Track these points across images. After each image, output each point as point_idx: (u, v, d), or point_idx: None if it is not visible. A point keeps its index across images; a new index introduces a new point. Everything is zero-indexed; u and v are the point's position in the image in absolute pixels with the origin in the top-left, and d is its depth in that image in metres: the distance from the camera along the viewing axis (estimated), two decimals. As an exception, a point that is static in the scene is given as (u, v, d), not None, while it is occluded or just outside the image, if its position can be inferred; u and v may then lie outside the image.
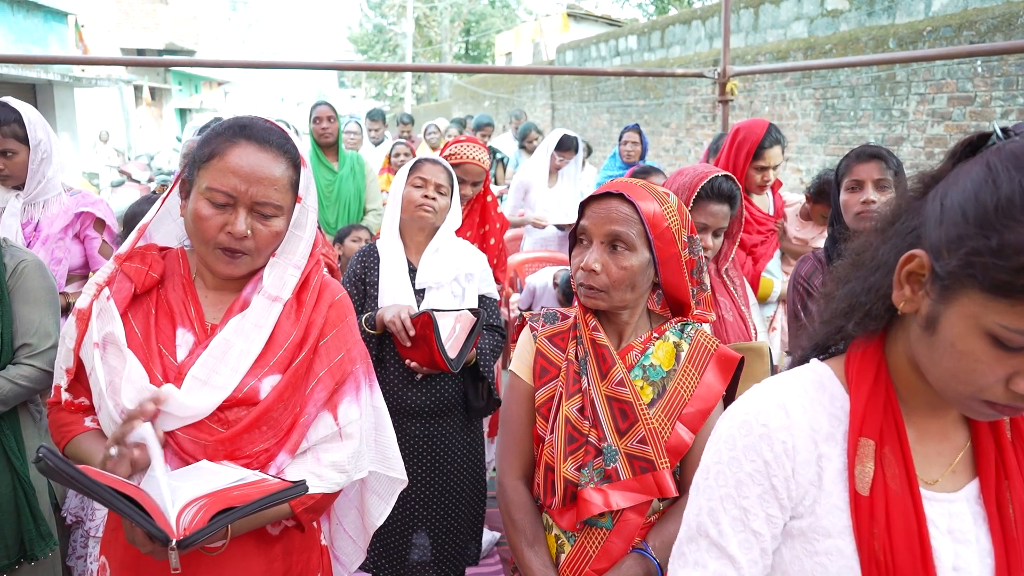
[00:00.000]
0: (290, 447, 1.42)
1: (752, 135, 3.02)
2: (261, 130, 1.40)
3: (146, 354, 1.38)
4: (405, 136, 8.04)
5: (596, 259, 1.53)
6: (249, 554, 1.41)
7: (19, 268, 2.04)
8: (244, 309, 1.42)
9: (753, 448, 0.98)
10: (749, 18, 9.54)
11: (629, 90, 12.00)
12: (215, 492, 1.22)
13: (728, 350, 1.62)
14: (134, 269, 1.43)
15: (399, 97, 38.06)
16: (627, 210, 1.53)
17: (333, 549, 1.76)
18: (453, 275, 2.50)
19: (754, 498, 0.98)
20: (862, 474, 0.94)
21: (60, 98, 15.63)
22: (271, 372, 1.40)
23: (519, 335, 1.71)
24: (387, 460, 1.67)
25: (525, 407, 1.64)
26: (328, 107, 4.84)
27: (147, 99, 23.12)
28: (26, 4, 14.18)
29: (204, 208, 1.36)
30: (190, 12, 26.24)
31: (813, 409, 0.99)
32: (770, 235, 3.19)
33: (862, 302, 0.97)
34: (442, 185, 2.51)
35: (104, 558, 1.46)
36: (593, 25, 20.49)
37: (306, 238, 1.48)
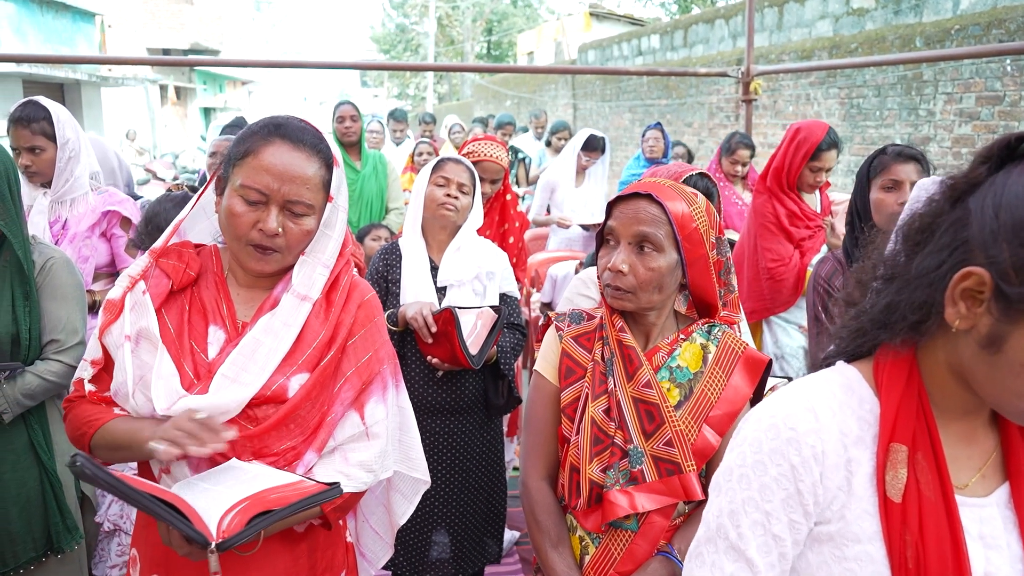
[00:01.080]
0: (317, 445, 1.43)
1: (812, 136, 3.09)
2: (295, 129, 1.42)
3: (178, 350, 1.39)
4: (427, 135, 8.05)
5: (623, 260, 1.52)
6: (275, 551, 1.42)
7: (48, 265, 2.07)
8: (274, 308, 1.44)
9: (780, 452, 0.96)
10: (773, 17, 9.46)
11: (651, 89, 11.94)
12: (252, 496, 1.24)
13: (756, 352, 1.60)
14: (172, 266, 1.45)
15: (421, 96, 38.14)
16: (655, 211, 1.52)
17: (359, 546, 1.77)
18: (474, 273, 2.51)
19: (777, 502, 0.96)
20: (894, 480, 0.93)
21: (87, 97, 15.85)
22: (299, 370, 1.41)
23: (544, 335, 1.70)
24: (411, 460, 1.68)
25: (550, 407, 1.63)
26: (351, 106, 4.86)
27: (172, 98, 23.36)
28: (55, 5, 14.39)
29: (237, 205, 1.38)
30: (215, 12, 26.48)
31: (842, 413, 0.97)
32: (817, 231, 3.24)
33: (903, 316, 0.95)
34: (464, 184, 2.52)
35: (135, 550, 1.48)
36: (615, 24, 20.42)
37: (336, 237, 1.49)
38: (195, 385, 1.37)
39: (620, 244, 1.54)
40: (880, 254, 1.02)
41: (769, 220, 3.19)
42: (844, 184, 7.44)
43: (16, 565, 2.01)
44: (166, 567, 1.41)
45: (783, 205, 3.17)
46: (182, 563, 1.37)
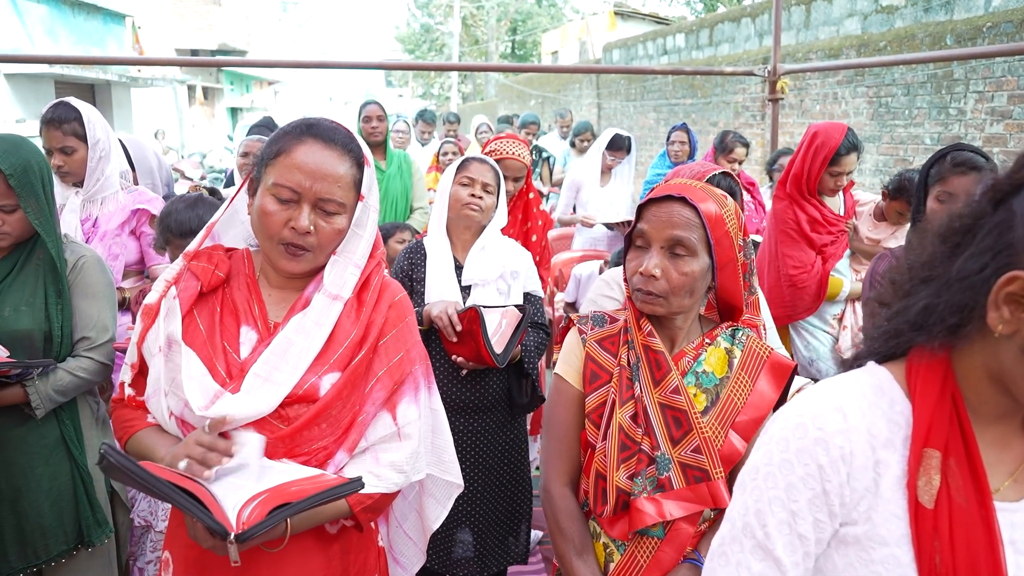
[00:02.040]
0: (348, 445, 1.44)
1: (830, 140, 3.01)
2: (327, 129, 1.44)
3: (210, 351, 1.41)
4: (451, 135, 8.07)
5: (656, 264, 1.49)
6: (308, 552, 1.43)
7: (79, 263, 2.10)
8: (305, 307, 1.45)
9: (807, 452, 0.95)
10: (800, 15, 9.36)
11: (676, 89, 11.88)
12: (273, 488, 1.25)
13: (781, 357, 1.58)
14: (201, 268, 1.47)
15: (445, 96, 38.25)
16: (689, 214, 1.50)
17: (392, 552, 1.76)
18: (499, 273, 2.52)
19: (804, 502, 0.96)
20: (927, 486, 0.91)
21: (117, 97, 16.08)
22: (331, 370, 1.42)
23: (564, 337, 1.68)
24: (443, 463, 1.68)
25: (572, 412, 1.60)
26: (377, 106, 4.89)
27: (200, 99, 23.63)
28: (86, 7, 14.61)
29: (269, 204, 1.39)
30: (242, 13, 26.75)
31: (872, 413, 0.96)
32: (840, 235, 3.18)
33: (942, 318, 0.93)
34: (489, 184, 2.53)
35: (168, 553, 1.49)
36: (640, 23, 20.33)
37: (367, 237, 1.49)
38: (228, 384, 1.38)
39: (652, 248, 1.51)
40: (916, 255, 1.00)
41: (790, 227, 3.15)
42: (872, 184, 7.35)
43: (48, 558, 2.04)
44: (199, 569, 1.41)
45: (804, 211, 3.11)
46: (214, 563, 1.37)
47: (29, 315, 2.01)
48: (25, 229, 2.03)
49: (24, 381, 1.97)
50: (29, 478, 2.03)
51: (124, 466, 1.16)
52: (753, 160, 9.81)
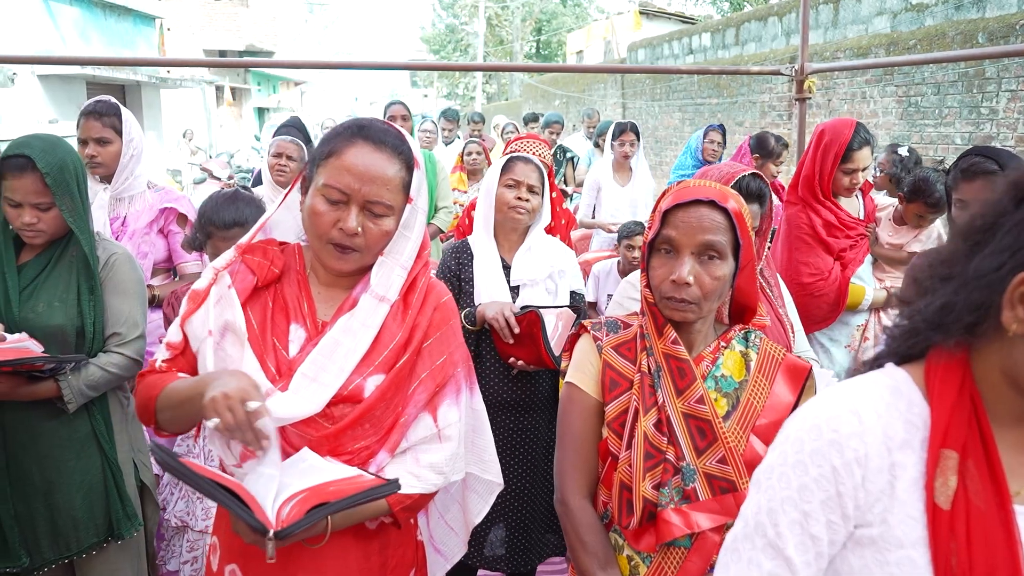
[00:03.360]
0: (390, 446, 1.45)
1: (840, 136, 2.87)
2: (378, 131, 1.45)
3: (261, 347, 1.43)
4: (476, 135, 8.08)
5: (689, 271, 1.45)
6: (348, 548, 1.45)
7: (111, 261, 2.14)
8: (353, 308, 1.46)
9: (821, 453, 0.95)
10: (828, 14, 9.27)
11: (702, 88, 11.81)
12: (312, 487, 1.27)
13: (797, 359, 1.56)
14: (257, 263, 1.49)
15: (470, 96, 38.34)
16: (719, 218, 1.47)
17: (434, 542, 1.78)
18: (547, 272, 2.52)
19: (816, 503, 0.96)
20: (943, 487, 0.91)
21: (147, 98, 16.30)
22: (376, 371, 1.44)
23: (574, 344, 1.64)
24: (483, 463, 1.69)
25: (589, 422, 1.55)
26: (402, 106, 4.92)
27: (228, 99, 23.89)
28: (117, 9, 14.82)
29: (319, 204, 1.41)
30: (269, 14, 27.00)
31: (888, 415, 0.95)
32: (860, 240, 3.04)
33: (959, 317, 0.92)
34: (534, 185, 2.52)
35: (215, 538, 1.53)
36: (666, 23, 20.25)
37: (414, 239, 1.50)
38: (277, 381, 1.41)
39: (682, 253, 1.47)
40: (938, 253, 0.99)
41: (804, 231, 3.00)
42: (901, 184, 7.26)
43: (80, 550, 2.08)
44: (243, 557, 1.44)
45: (818, 215, 2.97)
46: (259, 553, 1.39)
47: (62, 311, 2.05)
48: (59, 227, 2.08)
49: (56, 376, 2.01)
50: (62, 471, 2.07)
51: (169, 465, 1.19)
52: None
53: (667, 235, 1.48)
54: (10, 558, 2.03)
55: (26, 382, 1.96)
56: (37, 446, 2.05)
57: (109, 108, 2.87)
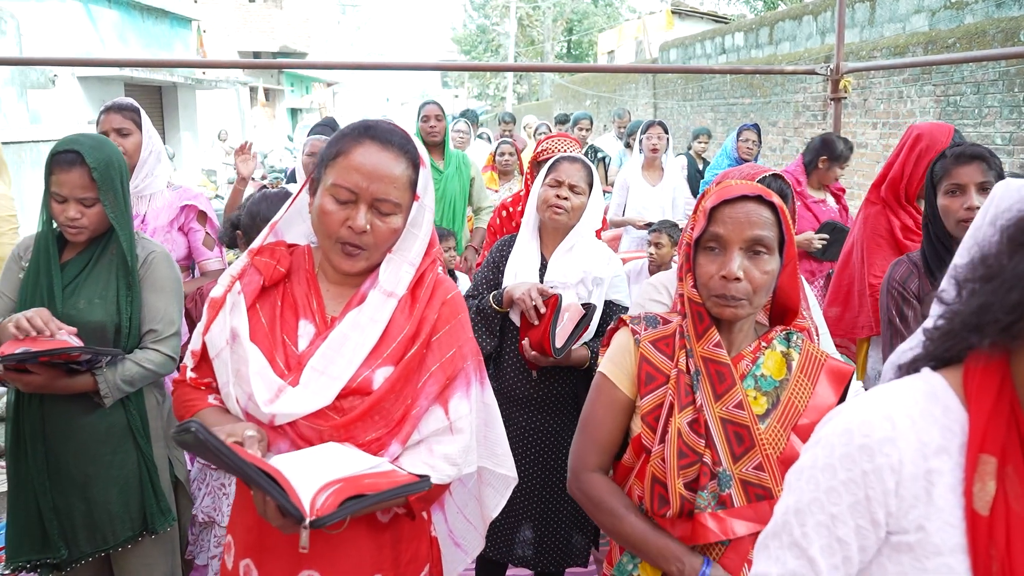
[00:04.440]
0: (401, 438, 1.47)
1: (937, 143, 2.81)
2: (384, 131, 1.48)
3: (271, 343, 1.46)
4: (507, 135, 8.09)
5: (739, 266, 1.45)
6: (361, 539, 1.47)
7: (149, 258, 2.18)
8: (361, 303, 1.49)
9: (851, 458, 0.94)
10: (865, 12, 9.14)
11: (735, 88, 11.71)
12: (348, 477, 1.28)
13: (839, 362, 1.55)
14: (263, 263, 1.52)
15: (500, 96, 38.39)
16: (766, 213, 1.47)
17: (454, 536, 1.81)
18: (580, 277, 2.50)
19: (845, 507, 0.95)
20: (982, 493, 0.89)
21: (183, 99, 16.55)
22: (384, 364, 1.46)
23: (611, 338, 1.64)
24: (496, 457, 1.70)
25: (614, 413, 1.56)
26: (436, 106, 4.92)
27: (262, 100, 24.18)
28: (155, 12, 15.07)
29: (328, 203, 1.44)
30: (303, 16, 27.27)
31: (923, 421, 0.94)
32: None
33: (996, 318, 0.90)
34: (577, 185, 2.50)
35: (230, 537, 1.56)
36: (698, 22, 20.10)
37: (422, 236, 1.53)
38: (286, 376, 1.44)
39: (730, 250, 1.46)
40: (983, 254, 0.97)
41: (880, 232, 2.97)
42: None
43: (115, 543, 2.12)
44: (259, 551, 1.47)
45: (897, 217, 2.93)
46: (273, 547, 1.44)
47: (102, 307, 2.09)
48: (101, 224, 2.12)
49: (93, 370, 2.05)
50: (98, 465, 2.10)
51: (211, 443, 1.20)
52: (814, 161, 9.61)
53: (714, 232, 1.48)
54: (50, 550, 2.08)
55: (63, 375, 2.01)
56: (75, 440, 2.10)
57: (129, 105, 2.96)
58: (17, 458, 2.12)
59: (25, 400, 2.09)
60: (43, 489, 2.08)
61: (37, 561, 2.10)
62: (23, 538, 2.10)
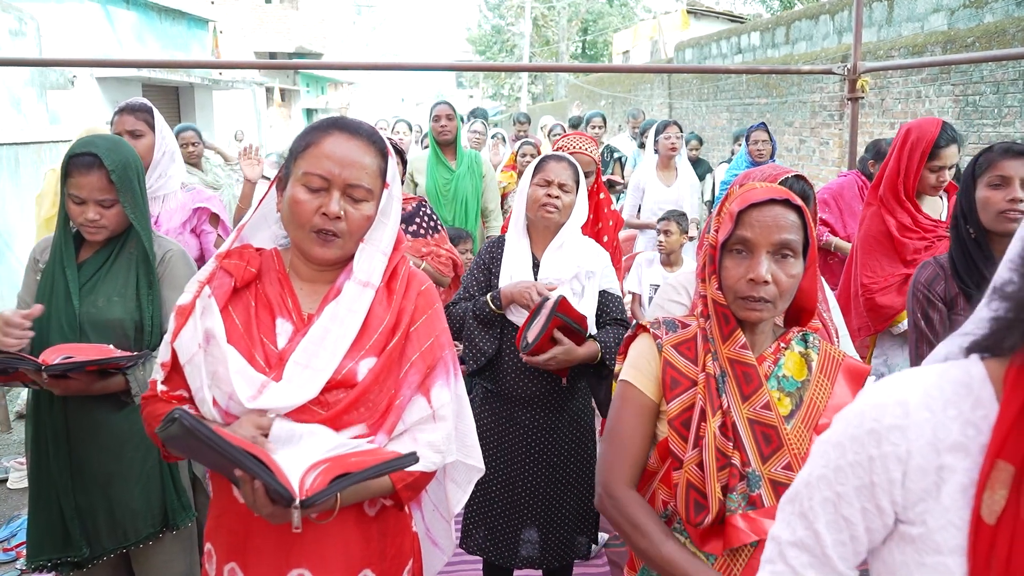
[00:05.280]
0: (387, 428, 1.49)
1: (926, 134, 2.90)
2: (351, 123, 1.52)
3: (248, 344, 1.47)
4: (522, 135, 8.09)
5: (767, 269, 1.46)
6: (349, 532, 1.48)
7: (167, 257, 2.21)
8: (338, 296, 1.50)
9: (859, 440, 0.92)
10: (882, 11, 9.08)
11: (751, 88, 11.66)
12: (334, 457, 1.30)
13: (856, 362, 1.56)
14: (233, 265, 1.53)
15: (515, 97, 38.39)
16: (793, 216, 1.48)
17: (431, 535, 1.82)
18: (574, 272, 2.52)
19: (850, 487, 0.94)
20: (991, 501, 0.84)
21: (200, 99, 16.65)
22: (367, 355, 1.48)
23: (629, 345, 1.64)
24: (466, 448, 1.71)
25: (642, 420, 1.55)
26: (447, 106, 4.93)
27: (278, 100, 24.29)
28: (172, 13, 15.18)
29: (300, 193, 1.45)
30: (318, 16, 27.38)
31: (944, 412, 0.88)
32: (936, 242, 2.97)
33: None
34: (566, 184, 2.52)
35: (209, 545, 1.55)
36: (714, 22, 20.02)
37: (391, 225, 1.55)
38: (268, 373, 1.44)
39: (758, 253, 1.47)
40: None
41: (874, 235, 3.00)
42: (957, 186, 7.07)
43: (137, 539, 2.14)
44: (243, 554, 1.47)
45: (893, 215, 2.96)
46: (259, 547, 1.45)
47: (121, 305, 2.12)
48: (119, 223, 2.14)
49: (125, 371, 2.06)
50: (121, 463, 2.12)
51: (196, 428, 1.21)
52: (830, 161, 9.56)
53: (742, 235, 1.49)
54: (71, 548, 2.10)
55: (98, 378, 2.02)
56: (99, 438, 2.12)
57: (142, 105, 2.98)
58: (38, 457, 2.13)
59: (46, 400, 2.11)
60: (66, 488, 2.10)
61: (58, 560, 2.12)
62: (44, 537, 2.12)
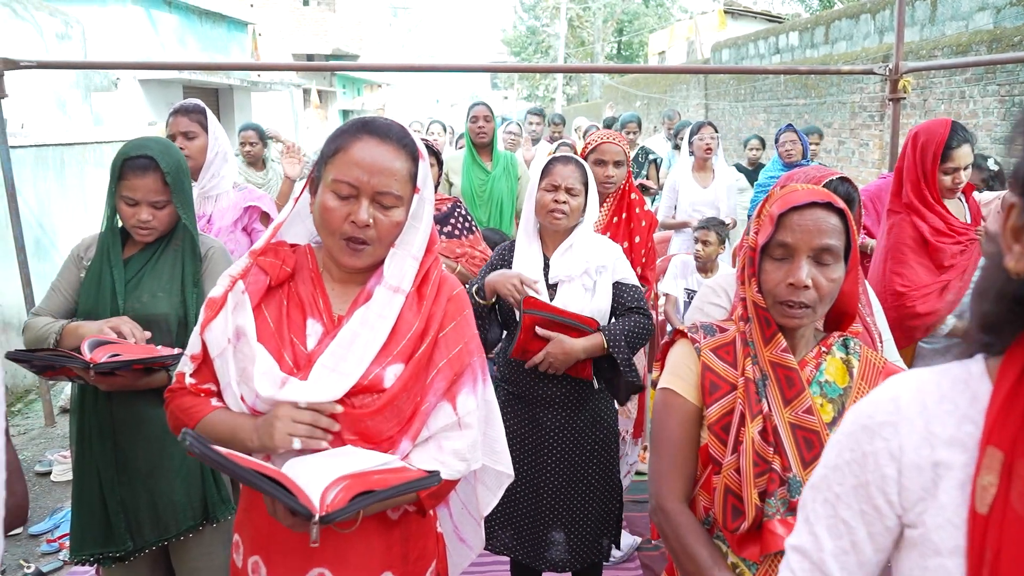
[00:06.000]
0: (411, 434, 1.48)
1: (936, 136, 2.83)
2: (381, 126, 1.49)
3: (278, 343, 1.46)
4: (557, 136, 8.08)
5: (808, 273, 1.44)
6: (371, 537, 1.47)
7: (209, 254, 2.25)
8: (368, 301, 1.49)
9: (854, 437, 0.91)
10: (925, 10, 8.91)
11: (789, 89, 11.52)
12: (357, 474, 1.29)
13: (896, 367, 1.54)
14: (268, 263, 1.53)
15: (550, 98, 38.36)
16: (834, 220, 1.46)
17: (459, 532, 1.82)
18: (583, 269, 2.51)
19: (848, 488, 0.92)
20: (982, 490, 0.81)
21: (239, 101, 16.89)
22: (395, 361, 1.46)
23: (667, 352, 1.62)
24: (495, 454, 1.71)
25: (687, 428, 1.53)
26: (485, 107, 4.94)
27: (315, 102, 24.55)
28: (212, 16, 15.43)
29: (330, 200, 1.45)
30: (355, 18, 27.63)
31: (939, 407, 0.87)
32: (970, 244, 2.92)
33: None
34: (573, 187, 2.51)
35: (237, 536, 1.57)
36: (752, 22, 19.82)
37: (423, 229, 1.53)
38: (295, 374, 1.44)
39: (798, 257, 1.46)
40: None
41: (907, 240, 2.91)
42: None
43: (177, 532, 2.17)
44: (267, 549, 1.48)
45: (925, 220, 2.88)
46: (282, 544, 1.45)
47: (166, 301, 2.16)
48: (169, 224, 2.20)
49: (168, 367, 2.09)
50: (163, 457, 2.16)
51: (205, 454, 1.22)
52: (870, 163, 9.41)
53: (782, 239, 1.47)
54: (114, 543, 2.14)
55: (143, 375, 2.06)
56: (142, 433, 2.15)
57: (196, 107, 3.03)
58: (82, 451, 2.18)
59: (91, 395, 2.15)
60: (110, 482, 2.14)
61: (100, 554, 2.15)
62: (88, 531, 2.16)
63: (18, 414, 5.57)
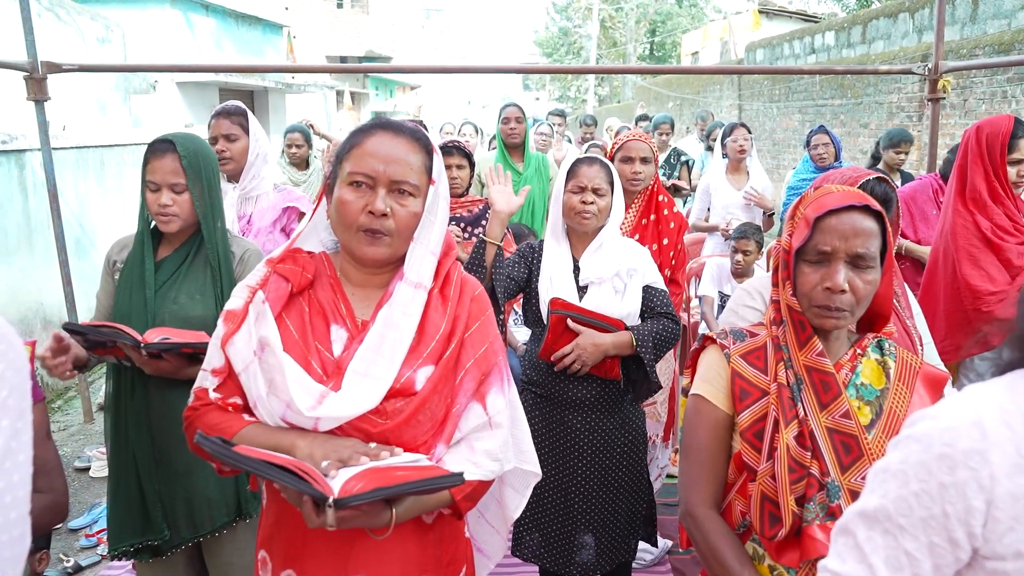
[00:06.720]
0: (445, 437, 1.47)
1: (1001, 128, 2.83)
2: (395, 122, 1.52)
3: (304, 351, 1.45)
4: (588, 137, 8.06)
5: (845, 277, 1.43)
6: (407, 541, 1.47)
7: (244, 256, 2.28)
8: (390, 299, 1.49)
9: (926, 467, 0.86)
10: (966, 9, 8.74)
11: (824, 89, 11.36)
12: (379, 467, 1.29)
13: (933, 368, 1.51)
14: (289, 270, 1.53)
15: (582, 99, 38.28)
16: (870, 223, 1.44)
17: (476, 542, 1.80)
18: (614, 271, 2.50)
19: (916, 519, 0.87)
20: None
21: (274, 103, 17.10)
22: (425, 363, 1.46)
23: (697, 358, 1.61)
24: (522, 453, 1.70)
25: (717, 435, 1.53)
26: (516, 108, 4.94)
27: (348, 103, 24.75)
28: (248, 19, 15.64)
29: (346, 193, 1.46)
30: (388, 20, 27.81)
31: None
32: None
33: None
34: (600, 188, 2.50)
35: (264, 552, 1.54)
36: (786, 22, 19.58)
37: (439, 223, 1.53)
38: (326, 382, 1.42)
39: (835, 261, 1.44)
40: None
41: (971, 239, 2.86)
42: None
43: (212, 528, 2.20)
44: (300, 560, 1.46)
45: (991, 218, 2.83)
46: (317, 554, 1.43)
47: (202, 303, 2.19)
48: (191, 214, 2.22)
49: None
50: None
51: (217, 452, 1.23)
52: (909, 164, 9.25)
53: (818, 243, 1.45)
54: (152, 531, 2.16)
55: (188, 363, 2.08)
56: (179, 429, 2.18)
57: (237, 109, 3.08)
58: (118, 444, 2.20)
59: (127, 390, 2.18)
60: (148, 475, 2.16)
61: (139, 544, 2.17)
62: (125, 522, 2.18)
63: (58, 411, 5.70)
